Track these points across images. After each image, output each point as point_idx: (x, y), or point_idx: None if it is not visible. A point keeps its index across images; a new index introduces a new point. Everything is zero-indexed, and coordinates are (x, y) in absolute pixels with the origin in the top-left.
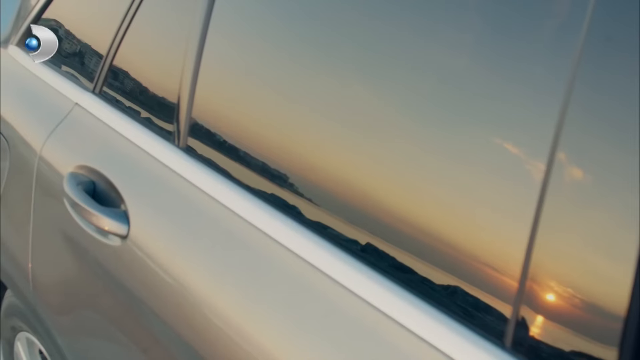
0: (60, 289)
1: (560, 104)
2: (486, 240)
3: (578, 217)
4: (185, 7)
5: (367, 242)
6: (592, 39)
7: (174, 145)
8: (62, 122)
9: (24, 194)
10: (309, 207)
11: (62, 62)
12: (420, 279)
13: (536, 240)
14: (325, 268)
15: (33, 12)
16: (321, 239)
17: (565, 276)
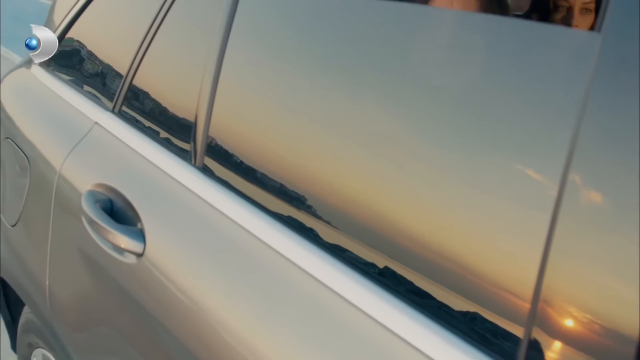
0: (77, 306)
1: (573, 125)
2: (499, 262)
3: (590, 240)
4: (204, 29)
5: (385, 266)
6: (605, 60)
7: (191, 165)
8: (81, 141)
9: (43, 212)
10: (326, 229)
11: (83, 81)
12: (437, 304)
13: (548, 263)
14: (342, 290)
15: (56, 33)
16: (338, 262)
17: (577, 299)
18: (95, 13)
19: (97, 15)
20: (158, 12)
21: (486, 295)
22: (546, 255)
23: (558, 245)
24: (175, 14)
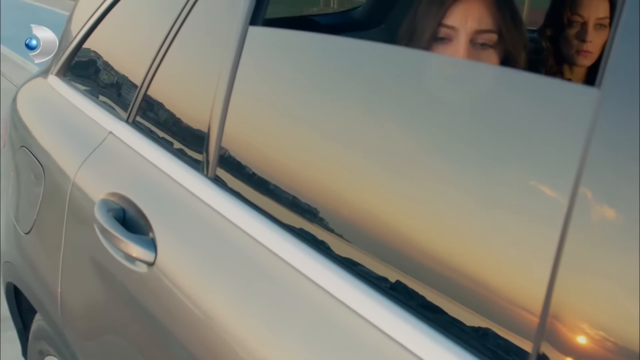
0: (88, 314)
1: (583, 140)
2: (508, 277)
3: (600, 255)
4: (218, 40)
5: (397, 280)
6: (615, 75)
7: (203, 175)
8: (95, 150)
9: (56, 220)
10: (338, 242)
11: (98, 91)
12: (448, 319)
13: (557, 278)
14: (353, 304)
15: (73, 44)
16: (350, 275)
17: (586, 314)
18: (111, 24)
19: (113, 26)
20: (173, 24)
21: (495, 309)
22: (555, 270)
23: (567, 260)
24: (190, 25)
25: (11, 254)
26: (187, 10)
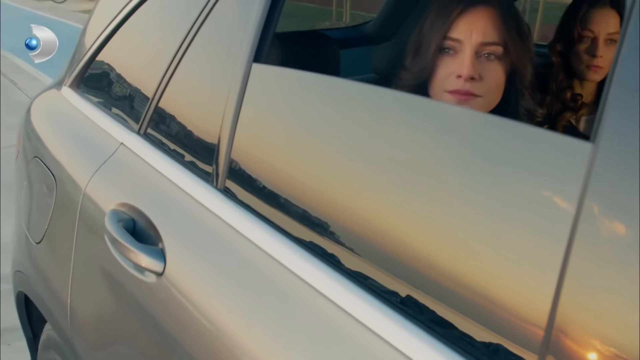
0: (97, 324)
1: (588, 154)
2: (513, 291)
3: (605, 269)
4: (229, 54)
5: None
6: (620, 92)
7: (212, 187)
8: (107, 161)
9: (67, 230)
10: (348, 255)
11: (111, 103)
12: (459, 334)
13: (562, 291)
14: (363, 318)
15: (87, 56)
16: (359, 289)
17: (591, 327)
18: (124, 37)
19: (126, 39)
20: (185, 37)
21: (501, 322)
22: (560, 284)
23: (572, 274)
24: (201, 39)
25: (22, 263)
26: (199, 24)
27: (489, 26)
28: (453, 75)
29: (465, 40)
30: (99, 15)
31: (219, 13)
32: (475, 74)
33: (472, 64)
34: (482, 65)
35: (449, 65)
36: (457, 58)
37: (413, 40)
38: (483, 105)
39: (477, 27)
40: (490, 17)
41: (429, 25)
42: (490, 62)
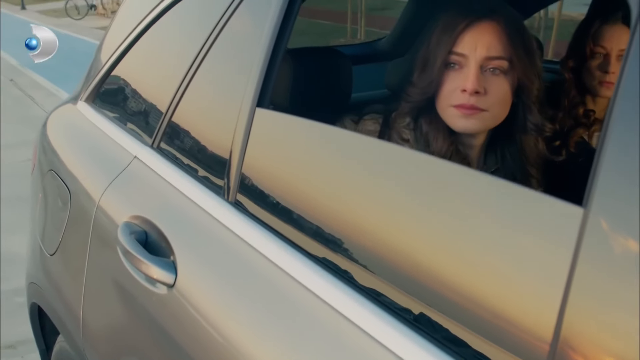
0: (109, 335)
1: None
2: (519, 304)
3: (610, 282)
4: (242, 69)
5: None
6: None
7: (224, 200)
8: (120, 174)
9: (81, 242)
10: (360, 271)
11: (125, 117)
12: (473, 352)
13: (568, 304)
14: (373, 332)
15: (102, 71)
16: (372, 304)
17: (596, 340)
18: (139, 54)
19: (140, 55)
20: (198, 53)
21: (506, 334)
22: (566, 297)
23: (578, 287)
24: (214, 54)
25: (36, 275)
26: (212, 39)
27: (494, 40)
28: (458, 90)
29: (469, 54)
30: (114, 32)
31: (232, 29)
32: (480, 88)
33: (477, 78)
34: (487, 80)
35: (454, 80)
36: (462, 72)
37: (420, 56)
38: (489, 120)
39: (481, 41)
40: (495, 31)
41: (435, 40)
42: (495, 76)
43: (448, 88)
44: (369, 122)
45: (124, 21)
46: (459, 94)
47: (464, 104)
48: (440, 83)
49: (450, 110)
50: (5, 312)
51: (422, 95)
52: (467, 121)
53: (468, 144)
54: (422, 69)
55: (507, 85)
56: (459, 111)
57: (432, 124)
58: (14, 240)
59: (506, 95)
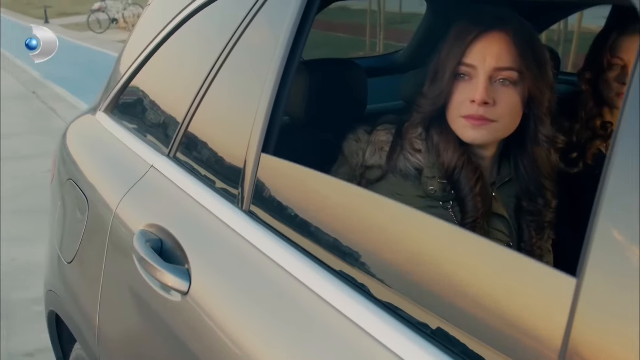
0: (124, 342)
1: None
2: (528, 313)
3: (619, 291)
4: (256, 79)
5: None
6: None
7: (238, 208)
8: (137, 183)
9: (97, 250)
10: (375, 284)
11: (142, 127)
12: None
13: (577, 313)
14: (387, 341)
15: (120, 82)
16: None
17: (605, 350)
18: (156, 64)
19: (158, 66)
20: (213, 65)
21: (516, 343)
22: (575, 306)
23: (586, 297)
24: (229, 66)
25: (54, 282)
26: (227, 51)
27: (503, 51)
28: (467, 100)
29: (478, 65)
30: (133, 44)
31: (248, 40)
32: (489, 98)
33: (486, 89)
34: (496, 90)
35: (463, 91)
36: (471, 83)
37: (431, 67)
38: (498, 130)
39: (490, 52)
40: (504, 42)
41: (445, 51)
42: (505, 87)
43: (457, 99)
44: (382, 133)
45: (142, 34)
46: (468, 104)
47: (472, 114)
48: (450, 94)
49: (459, 121)
50: (24, 321)
51: (432, 106)
52: (476, 132)
53: (479, 154)
54: (432, 79)
55: (517, 96)
56: (468, 122)
57: (443, 135)
58: (34, 251)
59: (516, 106)
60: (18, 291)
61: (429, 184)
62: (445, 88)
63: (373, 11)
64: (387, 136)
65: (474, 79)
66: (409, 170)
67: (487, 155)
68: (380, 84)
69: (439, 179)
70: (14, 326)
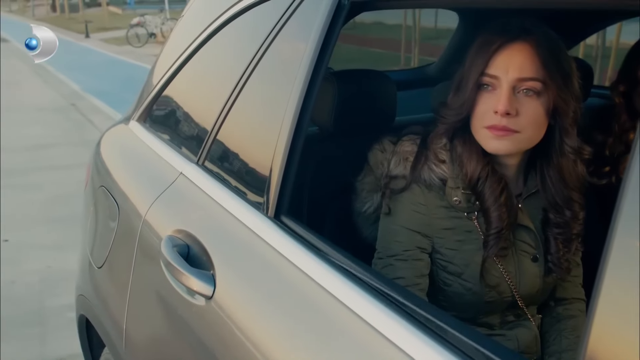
0: (149, 347)
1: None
2: None
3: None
4: (282, 89)
5: None
6: None
7: (264, 215)
8: (166, 190)
9: (127, 255)
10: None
11: (173, 136)
12: None
13: (595, 319)
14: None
15: (153, 92)
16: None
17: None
18: (187, 75)
19: (189, 76)
20: (241, 76)
21: None
22: (593, 312)
23: (604, 302)
24: (257, 76)
25: (85, 287)
26: (256, 61)
27: (526, 62)
28: (491, 111)
29: (501, 76)
30: (165, 55)
31: (275, 51)
32: (512, 109)
33: (508, 100)
34: (519, 101)
35: (487, 101)
36: (494, 94)
37: (456, 78)
38: (522, 141)
39: (513, 63)
40: (527, 52)
41: (469, 62)
42: (528, 97)
43: (481, 109)
44: (407, 143)
45: (174, 45)
46: (492, 115)
47: (495, 125)
48: (473, 104)
49: (483, 132)
50: (58, 327)
51: (456, 117)
52: (499, 142)
53: (504, 165)
54: (456, 90)
55: (541, 107)
56: (491, 132)
57: (466, 145)
58: (68, 258)
59: (539, 116)
60: (53, 298)
61: (453, 195)
62: (468, 98)
63: (408, 26)
64: (412, 147)
65: (497, 90)
66: (434, 180)
67: (512, 164)
68: (412, 97)
69: (463, 189)
70: (48, 332)
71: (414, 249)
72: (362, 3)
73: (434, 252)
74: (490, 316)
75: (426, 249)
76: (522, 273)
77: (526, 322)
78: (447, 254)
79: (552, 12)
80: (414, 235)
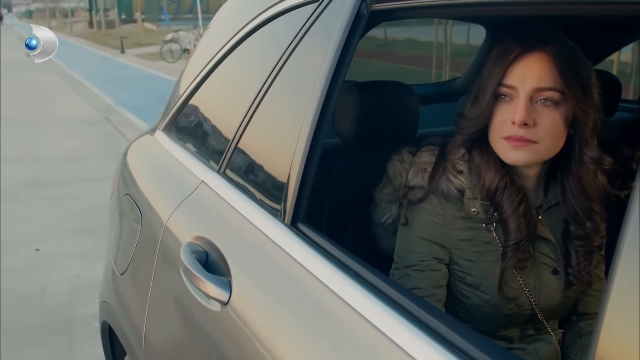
0: (167, 353)
1: None
2: None
3: None
4: (300, 100)
5: None
6: None
7: (281, 222)
8: (188, 197)
9: (148, 262)
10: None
11: (197, 145)
12: None
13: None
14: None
15: (178, 103)
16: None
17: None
18: (211, 86)
19: (212, 87)
20: (262, 86)
21: None
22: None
23: (614, 303)
24: (277, 86)
25: (107, 294)
26: (276, 72)
27: (544, 72)
28: (508, 122)
29: (519, 86)
30: (191, 67)
31: (294, 63)
32: (529, 119)
33: (526, 110)
34: (537, 111)
35: (504, 112)
36: (512, 104)
37: (474, 88)
38: (540, 151)
39: (530, 73)
40: (545, 62)
41: (487, 72)
42: (546, 107)
43: (498, 120)
44: (425, 154)
45: (199, 57)
46: (509, 125)
47: (513, 135)
48: (491, 115)
49: (500, 142)
50: (84, 335)
51: (473, 127)
52: (517, 153)
53: (522, 174)
54: (473, 100)
55: (559, 117)
56: (509, 143)
57: (484, 156)
58: (96, 268)
59: (558, 126)
60: (81, 307)
61: (471, 206)
62: (485, 109)
63: (440, 43)
64: (430, 157)
65: (515, 100)
66: (451, 191)
67: (531, 176)
68: (439, 110)
69: (481, 200)
70: (76, 340)
71: (431, 260)
72: (382, 12)
73: (452, 263)
74: (510, 329)
75: (443, 259)
76: (542, 286)
77: (546, 336)
78: (465, 265)
79: (577, 24)
80: (431, 246)
